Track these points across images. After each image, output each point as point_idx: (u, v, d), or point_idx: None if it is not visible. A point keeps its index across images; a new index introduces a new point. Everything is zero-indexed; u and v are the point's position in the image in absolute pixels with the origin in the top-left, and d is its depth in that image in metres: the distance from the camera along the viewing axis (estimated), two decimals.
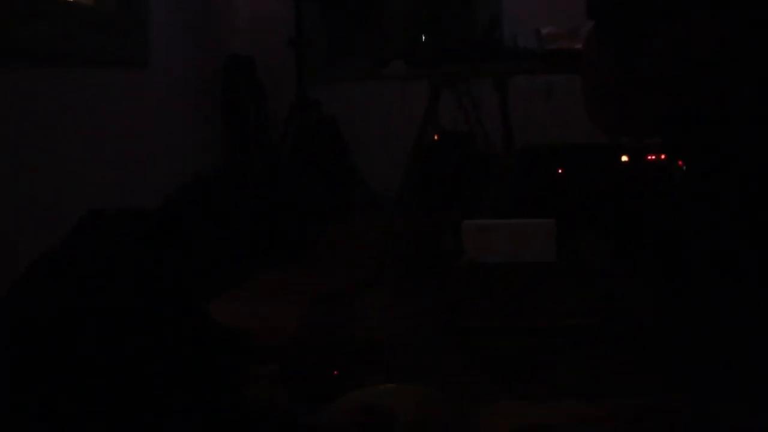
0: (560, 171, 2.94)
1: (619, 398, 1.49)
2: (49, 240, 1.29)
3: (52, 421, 1.10)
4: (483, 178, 3.34)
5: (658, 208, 2.46)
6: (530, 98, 3.67)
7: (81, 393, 1.10)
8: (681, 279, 1.95)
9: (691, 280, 1.88)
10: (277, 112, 4.43)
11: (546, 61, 2.72)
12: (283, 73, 4.34)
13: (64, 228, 1.30)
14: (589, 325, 1.94)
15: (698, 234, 1.91)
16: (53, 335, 1.11)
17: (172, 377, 1.15)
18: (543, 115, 3.70)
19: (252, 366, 1.62)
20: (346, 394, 1.53)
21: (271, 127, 4.51)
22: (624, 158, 2.82)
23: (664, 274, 2.07)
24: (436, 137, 3.53)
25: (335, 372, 1.71)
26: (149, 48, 3.46)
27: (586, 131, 2.55)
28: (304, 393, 1.62)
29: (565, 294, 2.01)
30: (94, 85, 2.99)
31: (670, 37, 1.79)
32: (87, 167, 2.86)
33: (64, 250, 1.25)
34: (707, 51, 1.69)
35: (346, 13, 4.94)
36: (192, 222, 1.29)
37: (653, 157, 2.77)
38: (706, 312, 1.73)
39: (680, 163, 2.40)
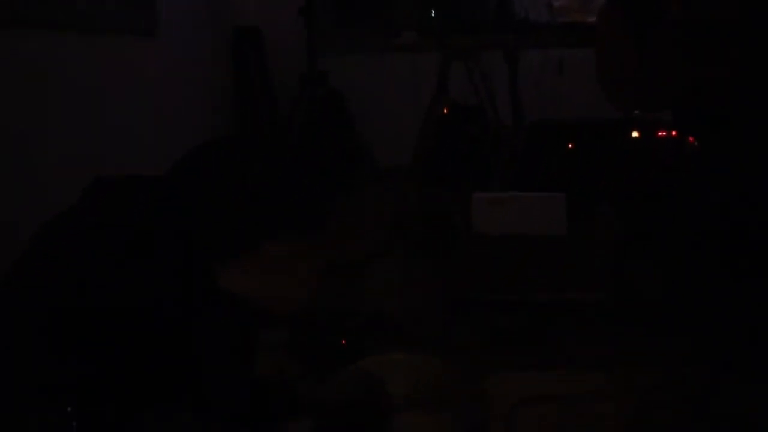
0: (570, 146, 2.92)
1: (630, 370, 1.49)
2: (54, 210, 1.28)
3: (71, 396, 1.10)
4: (493, 152, 3.32)
5: (668, 183, 2.46)
6: (541, 72, 3.64)
7: (89, 368, 1.10)
8: (691, 254, 1.95)
9: (701, 256, 1.88)
10: (286, 85, 4.40)
11: (557, 34, 2.70)
12: (293, 45, 4.31)
13: (69, 197, 1.29)
14: (598, 298, 1.94)
15: (708, 209, 1.90)
16: (57, 310, 1.11)
17: (180, 347, 1.16)
18: (554, 89, 3.67)
19: (262, 335, 1.62)
20: (353, 363, 1.53)
21: (279, 99, 4.49)
22: (635, 134, 2.80)
23: (675, 249, 2.07)
24: (445, 110, 3.51)
25: (343, 341, 1.71)
26: (157, 17, 3.44)
27: (596, 106, 2.53)
28: (313, 363, 1.63)
29: (575, 267, 2.01)
30: (100, 52, 2.97)
31: (684, 10, 1.77)
32: (93, 137, 2.85)
33: (70, 218, 1.25)
34: (721, 25, 1.67)
35: None
36: (200, 189, 1.28)
37: (664, 133, 2.75)
38: (716, 286, 1.73)
39: (691, 139, 2.39)
